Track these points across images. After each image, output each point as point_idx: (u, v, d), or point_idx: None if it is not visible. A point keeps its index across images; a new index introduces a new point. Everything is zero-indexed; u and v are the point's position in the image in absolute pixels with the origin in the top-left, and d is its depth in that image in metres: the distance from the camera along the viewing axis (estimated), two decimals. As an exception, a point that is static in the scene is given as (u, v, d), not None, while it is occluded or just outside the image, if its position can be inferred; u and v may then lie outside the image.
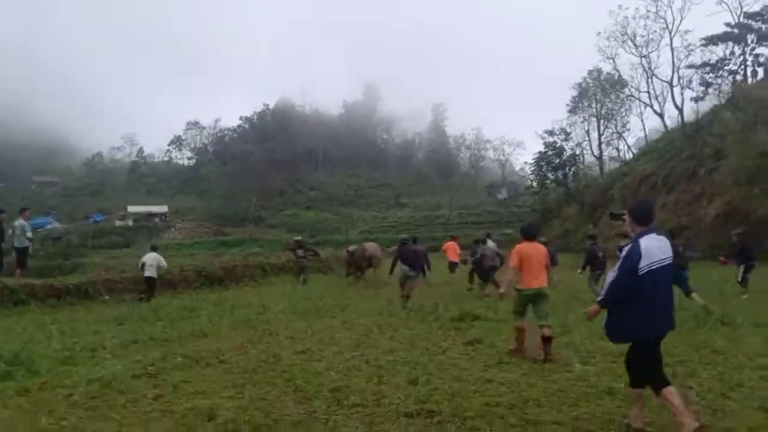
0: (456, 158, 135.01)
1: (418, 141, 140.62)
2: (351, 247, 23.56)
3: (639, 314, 4.73)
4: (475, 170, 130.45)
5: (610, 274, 4.92)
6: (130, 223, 78.45)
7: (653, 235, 4.89)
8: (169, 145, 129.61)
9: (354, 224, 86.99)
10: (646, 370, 4.86)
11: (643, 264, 4.68)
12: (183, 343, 9.47)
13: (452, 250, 21.48)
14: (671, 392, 4.67)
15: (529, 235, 8.53)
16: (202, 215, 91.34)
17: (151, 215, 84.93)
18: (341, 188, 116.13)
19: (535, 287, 8.04)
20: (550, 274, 8.57)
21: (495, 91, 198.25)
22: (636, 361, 4.93)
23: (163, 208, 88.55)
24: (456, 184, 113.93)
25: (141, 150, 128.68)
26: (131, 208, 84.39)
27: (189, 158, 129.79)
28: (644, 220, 5.00)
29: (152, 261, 16.75)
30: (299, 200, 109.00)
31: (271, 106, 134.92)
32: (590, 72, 58.30)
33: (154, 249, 17.40)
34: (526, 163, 63.03)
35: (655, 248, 4.79)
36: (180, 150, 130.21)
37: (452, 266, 21.19)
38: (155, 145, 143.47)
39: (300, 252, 21.49)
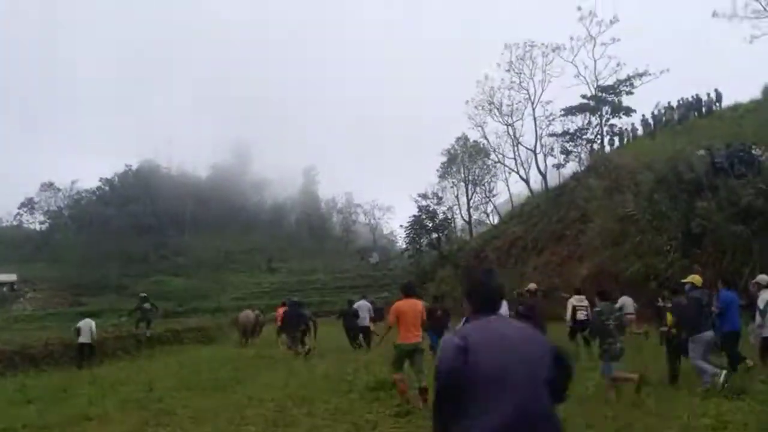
0: (328, 222, 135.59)
1: (290, 204, 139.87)
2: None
3: None
4: (346, 234, 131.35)
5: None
6: (-28, 292, 70.80)
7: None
8: (19, 208, 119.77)
9: (226, 290, 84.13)
10: None
11: None
12: (66, 430, 8.20)
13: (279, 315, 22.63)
14: None
15: (408, 291, 9.12)
16: (56, 284, 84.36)
17: (-1, 284, 77.27)
18: (210, 253, 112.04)
19: (412, 342, 8.61)
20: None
21: (365, 155, 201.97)
22: None
23: (12, 277, 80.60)
24: (329, 249, 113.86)
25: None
26: (-26, 277, 76.33)
27: (41, 222, 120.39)
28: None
29: (86, 327, 17.90)
30: (165, 267, 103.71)
31: (134, 167, 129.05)
32: (458, 139, 60.92)
33: (88, 315, 20.17)
34: (401, 226, 63.96)
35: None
36: (32, 213, 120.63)
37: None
38: (3, 207, 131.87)
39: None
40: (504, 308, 4.86)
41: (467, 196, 60.64)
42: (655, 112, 39.20)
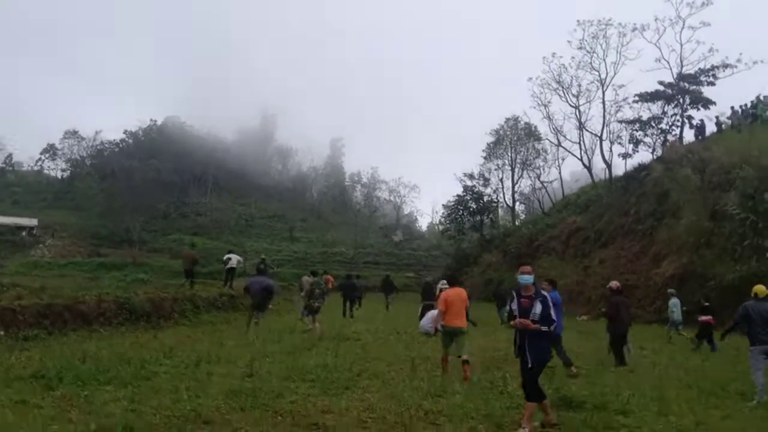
0: (351, 196, 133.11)
1: (314, 175, 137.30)
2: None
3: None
4: (368, 210, 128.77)
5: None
6: (-7, 235, 68.85)
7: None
8: (41, 153, 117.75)
9: (247, 255, 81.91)
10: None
11: None
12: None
13: (329, 280, 29.07)
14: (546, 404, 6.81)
15: (453, 282, 10.96)
16: (76, 233, 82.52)
17: (19, 228, 75.13)
18: (231, 216, 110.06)
19: (456, 325, 9.79)
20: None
21: (393, 131, 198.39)
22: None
23: (33, 222, 78.63)
24: (351, 223, 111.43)
25: (9, 156, 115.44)
26: (-5, 219, 74.39)
27: (63, 170, 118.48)
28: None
29: (235, 258, 24.78)
30: (185, 225, 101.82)
31: (159, 122, 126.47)
32: (507, 119, 57.63)
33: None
34: (443, 205, 60.83)
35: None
36: (54, 160, 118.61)
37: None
38: (27, 152, 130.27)
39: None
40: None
41: (512, 180, 57.39)
42: (747, 106, 35.87)
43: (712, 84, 39.87)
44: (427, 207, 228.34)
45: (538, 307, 6.77)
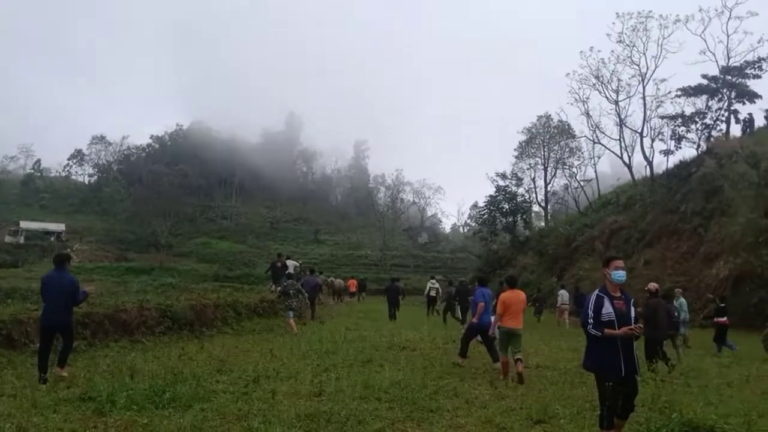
0: (375, 198, 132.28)
1: (338, 178, 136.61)
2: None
3: None
4: (393, 212, 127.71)
5: None
6: (22, 240, 69.07)
7: None
8: (69, 159, 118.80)
9: (272, 258, 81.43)
10: None
11: None
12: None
13: (353, 284, 41.52)
14: None
15: (512, 284, 10.68)
16: (103, 237, 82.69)
17: (47, 233, 75.55)
18: (257, 219, 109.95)
19: (513, 327, 10.07)
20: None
21: (418, 132, 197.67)
22: None
23: (61, 227, 79.21)
24: (375, 225, 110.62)
25: (38, 162, 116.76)
26: (24, 224, 74.72)
27: (90, 175, 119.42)
28: None
29: (291, 264, 24.18)
30: (211, 229, 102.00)
31: (185, 127, 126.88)
32: (539, 117, 56.42)
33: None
34: (474, 205, 59.45)
35: None
36: (81, 166, 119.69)
37: (352, 294, 40.18)
38: (54, 158, 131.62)
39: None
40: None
41: (545, 179, 56.02)
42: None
43: (758, 77, 38.42)
44: (451, 208, 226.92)
45: (632, 310, 5.95)
